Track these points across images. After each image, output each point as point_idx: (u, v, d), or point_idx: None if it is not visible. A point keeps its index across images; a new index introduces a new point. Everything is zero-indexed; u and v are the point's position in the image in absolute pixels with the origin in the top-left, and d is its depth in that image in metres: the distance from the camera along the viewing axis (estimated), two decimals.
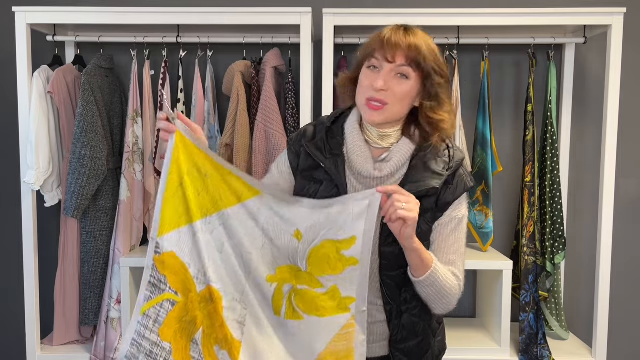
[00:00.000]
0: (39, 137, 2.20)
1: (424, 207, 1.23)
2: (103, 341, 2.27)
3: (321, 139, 1.32)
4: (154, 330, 1.20)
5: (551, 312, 2.45)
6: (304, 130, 1.38)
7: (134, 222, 2.37)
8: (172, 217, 1.20)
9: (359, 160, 1.28)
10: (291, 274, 1.24)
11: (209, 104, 2.35)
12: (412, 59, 1.20)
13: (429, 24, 2.18)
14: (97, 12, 2.20)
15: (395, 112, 1.24)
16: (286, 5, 2.49)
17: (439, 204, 1.27)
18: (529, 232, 2.31)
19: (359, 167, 1.28)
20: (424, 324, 1.33)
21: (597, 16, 2.16)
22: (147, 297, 1.21)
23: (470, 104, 2.56)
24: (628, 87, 2.51)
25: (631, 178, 2.59)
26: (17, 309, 2.60)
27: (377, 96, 1.21)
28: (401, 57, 1.20)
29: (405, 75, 1.21)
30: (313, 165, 1.31)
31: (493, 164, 2.36)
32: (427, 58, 1.20)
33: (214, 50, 2.42)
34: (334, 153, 1.30)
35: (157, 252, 1.21)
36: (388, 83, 1.21)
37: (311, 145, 1.32)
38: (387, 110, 1.22)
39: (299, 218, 1.23)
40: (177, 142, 1.20)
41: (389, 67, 1.21)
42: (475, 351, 2.27)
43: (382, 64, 1.22)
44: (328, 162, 1.29)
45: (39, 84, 2.21)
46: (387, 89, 1.21)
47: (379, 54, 1.21)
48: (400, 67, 1.21)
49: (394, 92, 1.21)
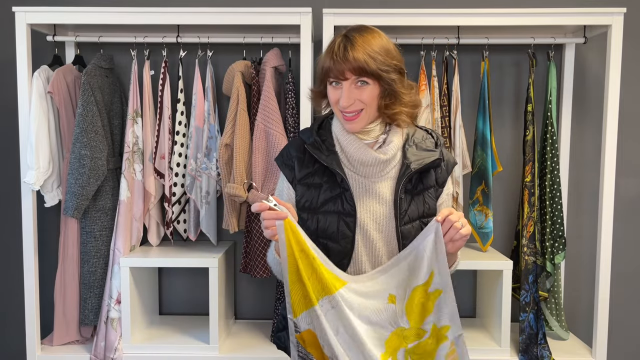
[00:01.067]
0: (39, 137, 2.20)
1: (428, 183, 1.38)
2: (103, 341, 2.27)
3: (316, 141, 1.40)
4: None
5: (551, 312, 2.45)
6: (289, 145, 1.46)
7: (134, 222, 2.37)
8: (301, 300, 1.27)
9: (359, 150, 1.35)
10: (399, 338, 1.30)
11: (209, 104, 2.35)
12: (359, 70, 1.27)
13: (429, 24, 2.18)
14: (97, 12, 2.20)
15: (370, 113, 1.33)
16: (286, 5, 2.50)
17: (438, 180, 1.40)
18: (529, 232, 2.31)
19: (361, 156, 1.35)
20: None
21: (597, 16, 2.16)
22: None
23: (470, 104, 2.56)
24: (628, 87, 2.51)
25: (631, 178, 2.59)
26: (17, 309, 2.60)
27: (349, 109, 1.31)
28: (350, 73, 1.28)
29: (365, 81, 1.30)
30: (309, 172, 1.38)
31: (493, 164, 2.36)
32: (370, 65, 1.27)
33: (214, 50, 2.42)
34: (331, 150, 1.37)
35: (297, 330, 1.29)
36: (352, 97, 1.30)
37: (309, 146, 1.38)
38: (362, 116, 1.32)
39: (385, 284, 1.30)
40: (286, 226, 1.23)
41: (347, 83, 1.30)
42: (475, 351, 2.27)
43: (340, 82, 1.31)
44: (329, 159, 1.35)
45: (39, 84, 2.21)
46: (353, 101, 1.30)
47: (332, 74, 1.30)
48: (356, 78, 1.29)
49: (361, 99, 1.30)
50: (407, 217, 1.34)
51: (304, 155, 1.41)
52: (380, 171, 1.36)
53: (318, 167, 1.38)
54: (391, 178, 1.37)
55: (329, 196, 1.35)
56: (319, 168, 1.38)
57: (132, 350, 2.27)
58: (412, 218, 1.35)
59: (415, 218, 1.36)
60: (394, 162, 1.37)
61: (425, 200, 1.37)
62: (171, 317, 2.63)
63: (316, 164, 1.39)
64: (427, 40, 2.35)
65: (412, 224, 1.35)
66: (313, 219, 1.35)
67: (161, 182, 2.39)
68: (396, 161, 1.37)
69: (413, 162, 1.35)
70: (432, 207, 1.38)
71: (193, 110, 2.36)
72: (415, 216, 1.35)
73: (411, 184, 1.36)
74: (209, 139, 2.36)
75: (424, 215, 1.37)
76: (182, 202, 2.41)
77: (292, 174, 1.40)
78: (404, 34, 2.40)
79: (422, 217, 1.37)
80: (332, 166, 1.34)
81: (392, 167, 1.37)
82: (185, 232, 2.46)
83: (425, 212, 1.36)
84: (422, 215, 1.36)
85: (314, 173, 1.38)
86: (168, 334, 2.40)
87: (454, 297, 1.27)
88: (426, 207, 1.36)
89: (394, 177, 1.37)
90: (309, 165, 1.39)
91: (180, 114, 2.38)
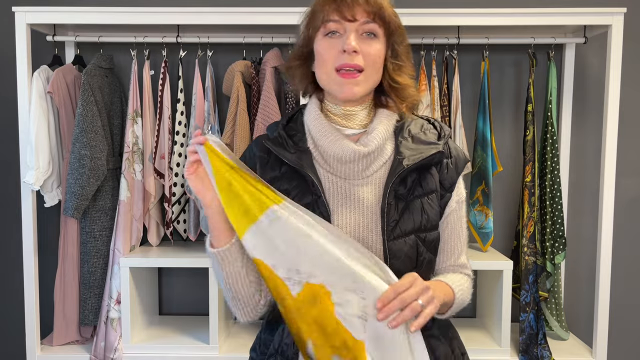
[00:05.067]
0: (38, 137, 2.20)
1: (429, 187, 1.08)
2: (103, 341, 2.26)
3: (280, 136, 1.11)
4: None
5: (551, 312, 2.45)
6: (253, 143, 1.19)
7: (133, 222, 2.37)
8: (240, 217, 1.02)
9: (335, 143, 1.06)
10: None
11: (209, 104, 2.35)
12: (375, 14, 1.03)
13: (429, 24, 2.18)
14: (97, 12, 2.20)
15: (373, 78, 1.06)
16: (286, 5, 2.49)
17: (444, 183, 1.11)
18: (529, 232, 2.31)
19: (337, 149, 1.06)
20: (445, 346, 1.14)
21: (597, 16, 2.16)
22: None
23: (470, 104, 2.56)
24: (628, 87, 2.51)
25: (631, 178, 2.59)
26: (17, 309, 2.60)
27: (351, 61, 1.02)
28: (363, 13, 1.02)
29: (373, 32, 1.04)
30: (275, 176, 1.10)
31: (493, 164, 2.36)
32: (389, 11, 1.06)
33: (214, 50, 2.42)
34: (300, 148, 1.09)
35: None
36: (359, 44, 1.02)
37: (269, 142, 1.11)
38: (365, 77, 1.04)
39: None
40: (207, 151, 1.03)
41: (353, 27, 1.02)
42: (475, 351, 2.26)
43: (343, 26, 1.03)
44: (295, 157, 1.07)
45: (38, 84, 2.21)
46: (360, 51, 1.02)
47: (336, 15, 1.02)
48: (365, 25, 1.03)
49: (367, 55, 1.03)
50: (398, 229, 1.04)
51: (268, 156, 1.12)
52: (364, 170, 1.07)
53: (286, 170, 1.10)
54: (378, 179, 1.07)
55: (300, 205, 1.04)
56: (287, 171, 1.09)
57: (132, 350, 2.27)
58: (404, 231, 1.04)
59: (410, 232, 1.05)
60: (382, 159, 1.08)
61: (423, 209, 1.06)
62: (171, 317, 2.62)
63: (283, 166, 1.10)
64: (427, 40, 2.35)
65: (405, 239, 1.04)
66: None
67: (161, 182, 2.39)
68: (385, 158, 1.09)
69: (407, 157, 1.06)
70: (432, 218, 1.08)
71: (193, 110, 2.36)
72: (409, 229, 1.05)
73: (405, 187, 1.06)
74: None
75: (421, 229, 1.06)
76: (182, 202, 2.41)
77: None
78: None
79: (419, 230, 1.06)
80: (300, 166, 1.06)
81: (380, 165, 1.08)
82: (185, 232, 2.45)
83: (424, 224, 1.06)
84: (419, 229, 1.06)
85: (280, 177, 1.09)
86: (168, 334, 2.40)
87: None
88: (425, 218, 1.06)
89: (381, 178, 1.07)
90: (274, 167, 1.11)
91: (180, 114, 2.38)
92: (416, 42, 2.37)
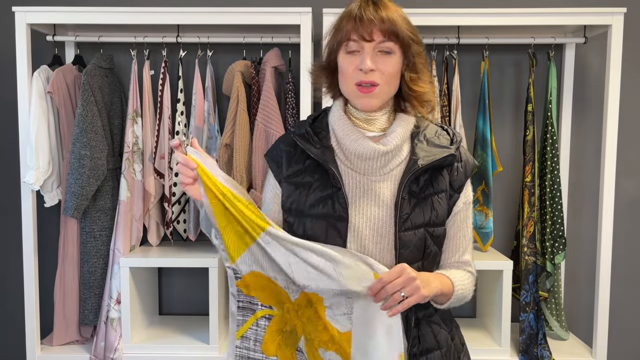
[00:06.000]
0: (38, 137, 2.20)
1: (439, 186, 1.20)
2: (103, 341, 2.27)
3: (307, 132, 1.23)
4: (257, 350, 1.19)
5: (551, 312, 2.45)
6: (279, 139, 1.31)
7: (133, 222, 2.37)
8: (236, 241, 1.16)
9: (357, 142, 1.18)
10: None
11: (209, 104, 2.35)
12: (390, 32, 1.13)
13: (429, 24, 2.18)
14: (97, 12, 2.20)
15: (389, 91, 1.18)
16: (286, 5, 2.49)
17: (453, 184, 1.22)
18: (529, 232, 2.31)
19: (358, 148, 1.17)
20: (445, 332, 1.24)
21: (597, 16, 2.16)
22: (241, 322, 1.20)
23: (470, 104, 2.56)
24: (628, 87, 2.51)
25: (631, 178, 2.59)
26: (17, 309, 2.60)
27: (367, 79, 1.14)
28: (378, 34, 1.13)
29: (389, 50, 1.15)
30: (299, 169, 1.22)
31: (493, 164, 2.36)
32: (403, 28, 1.15)
33: (214, 50, 2.42)
34: (324, 145, 1.21)
35: (237, 277, 1.18)
36: (375, 63, 1.14)
37: (297, 137, 1.22)
38: (379, 92, 1.16)
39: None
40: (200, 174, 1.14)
41: (370, 46, 1.14)
42: (475, 351, 2.26)
43: (361, 45, 1.15)
44: (318, 152, 1.19)
45: (38, 84, 2.21)
46: (376, 69, 1.14)
47: (355, 35, 1.14)
48: (381, 44, 1.14)
49: (382, 71, 1.14)
50: (410, 222, 1.15)
51: (294, 150, 1.24)
52: (382, 167, 1.18)
53: (310, 163, 1.21)
54: (394, 177, 1.18)
55: (319, 196, 1.17)
56: (311, 165, 1.21)
57: (132, 350, 2.27)
58: (415, 224, 1.16)
59: (420, 225, 1.16)
60: (399, 158, 1.19)
61: (433, 206, 1.18)
62: (171, 317, 2.62)
63: (307, 160, 1.21)
64: (427, 40, 2.35)
65: (415, 232, 1.16)
66: (300, 225, 1.19)
67: (161, 182, 2.39)
68: (402, 157, 1.19)
69: (421, 157, 1.17)
70: (440, 215, 1.19)
71: (193, 110, 2.36)
72: (419, 223, 1.16)
73: (418, 185, 1.17)
74: (209, 139, 2.36)
75: (430, 224, 1.18)
76: (182, 202, 2.41)
77: (279, 171, 1.24)
78: None
79: (428, 225, 1.18)
80: (323, 160, 1.17)
81: (397, 164, 1.19)
82: (185, 232, 2.45)
83: (433, 219, 1.18)
84: (428, 223, 1.18)
85: (304, 170, 1.21)
86: (168, 334, 2.40)
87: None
88: (434, 214, 1.18)
89: (397, 175, 1.18)
90: (299, 161, 1.23)
91: (180, 114, 2.38)
92: None
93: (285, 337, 1.18)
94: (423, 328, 1.21)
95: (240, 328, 1.20)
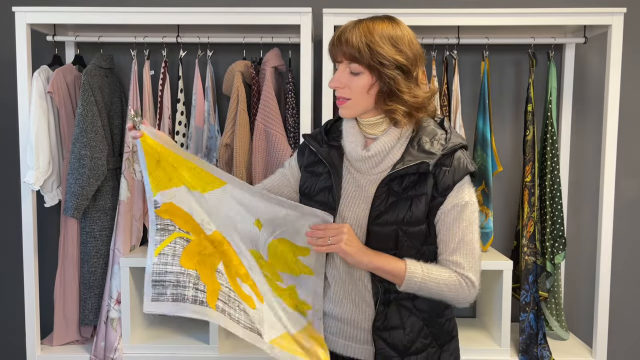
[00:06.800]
0: (39, 137, 2.20)
1: (422, 189, 1.27)
2: (103, 341, 2.27)
3: (319, 133, 1.45)
4: (174, 264, 1.27)
5: (551, 312, 2.45)
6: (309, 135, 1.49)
7: (134, 222, 2.37)
8: (162, 180, 1.28)
9: (351, 145, 1.36)
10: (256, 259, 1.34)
11: (209, 104, 2.35)
12: (351, 57, 1.25)
13: (429, 24, 2.18)
14: (97, 12, 2.20)
15: (361, 104, 1.30)
16: (286, 5, 2.49)
17: (438, 187, 1.27)
18: (529, 232, 2.31)
19: (351, 151, 1.35)
20: (417, 320, 1.32)
21: (597, 16, 2.16)
22: (158, 241, 1.28)
23: (470, 104, 2.56)
24: (628, 87, 2.51)
25: (631, 178, 2.59)
26: (17, 309, 2.60)
27: (338, 94, 1.31)
28: (341, 56, 1.27)
29: (356, 71, 1.27)
30: (314, 161, 1.42)
31: (493, 164, 2.36)
32: (363, 53, 1.24)
33: (214, 50, 2.42)
34: (331, 145, 1.41)
35: (156, 207, 1.29)
36: (342, 81, 1.28)
37: (309, 138, 1.44)
38: (351, 104, 1.30)
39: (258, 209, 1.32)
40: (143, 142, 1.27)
41: (342, 66, 1.29)
42: (475, 351, 2.27)
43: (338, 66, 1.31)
44: (323, 150, 1.39)
45: (38, 84, 2.21)
46: (343, 86, 1.29)
47: (331, 56, 1.32)
48: (349, 65, 1.27)
49: (350, 88, 1.28)
50: (383, 218, 1.26)
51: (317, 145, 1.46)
52: (372, 168, 1.33)
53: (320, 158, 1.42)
54: (381, 176, 1.32)
55: (323, 186, 1.37)
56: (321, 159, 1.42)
57: (132, 350, 2.27)
58: (387, 221, 1.26)
59: (392, 222, 1.26)
60: (391, 161, 1.31)
61: (410, 207, 1.26)
62: (171, 317, 2.62)
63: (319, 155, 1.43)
64: (427, 40, 2.35)
65: (384, 228, 1.27)
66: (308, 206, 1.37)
67: None
68: (394, 160, 1.31)
69: (404, 162, 1.27)
70: (416, 215, 1.26)
71: (193, 110, 2.36)
72: (391, 220, 1.26)
73: (401, 185, 1.27)
74: (209, 139, 2.36)
75: (403, 222, 1.26)
76: None
77: (302, 159, 1.47)
78: None
79: (402, 223, 1.26)
80: (324, 157, 1.38)
81: (388, 166, 1.31)
82: None
83: (407, 219, 1.26)
84: (401, 222, 1.26)
85: (318, 162, 1.41)
86: (168, 334, 2.40)
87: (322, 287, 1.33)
88: (409, 215, 1.25)
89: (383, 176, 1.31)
90: (315, 154, 1.43)
91: (180, 114, 2.38)
92: None
93: (204, 259, 1.30)
94: (391, 307, 1.32)
95: (158, 246, 1.28)
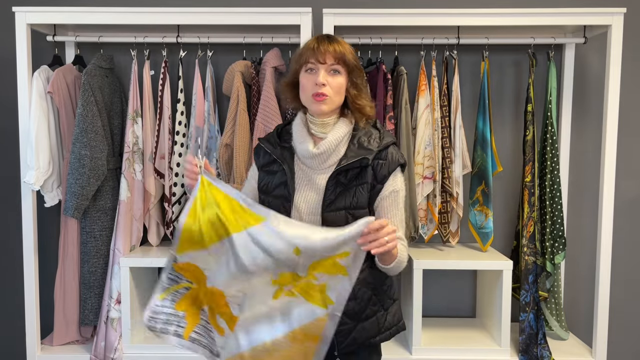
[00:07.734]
0: (39, 137, 2.20)
1: (363, 179, 1.52)
2: (103, 341, 2.27)
3: (272, 136, 1.65)
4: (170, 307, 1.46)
5: (551, 312, 2.45)
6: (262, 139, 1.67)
7: (134, 222, 2.37)
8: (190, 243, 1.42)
9: (302, 145, 1.55)
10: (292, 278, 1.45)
11: (209, 104, 2.35)
12: (339, 59, 1.52)
13: (429, 24, 2.18)
14: (97, 12, 2.20)
15: (336, 101, 1.53)
16: (286, 5, 2.50)
17: (377, 177, 1.53)
18: (529, 232, 2.31)
19: (302, 150, 1.55)
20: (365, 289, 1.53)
21: (597, 16, 2.16)
22: (165, 287, 1.45)
23: (470, 104, 2.56)
24: (628, 87, 2.51)
25: (631, 178, 2.59)
26: (17, 309, 2.60)
27: (320, 90, 1.51)
28: (330, 58, 1.51)
29: (337, 71, 1.52)
30: (269, 161, 1.61)
31: (493, 164, 2.36)
32: (349, 57, 1.53)
33: (214, 50, 2.42)
34: (283, 145, 1.61)
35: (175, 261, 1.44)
36: (327, 80, 1.51)
37: (264, 141, 1.64)
38: (329, 100, 1.52)
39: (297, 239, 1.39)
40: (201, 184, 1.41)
41: (323, 67, 1.51)
42: (475, 351, 2.27)
43: (317, 67, 1.51)
44: (276, 151, 1.59)
45: (38, 84, 2.21)
46: (327, 83, 1.51)
47: (313, 59, 1.51)
48: (331, 66, 1.51)
49: (331, 85, 1.52)
50: (333, 205, 1.51)
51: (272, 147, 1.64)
52: (321, 163, 1.54)
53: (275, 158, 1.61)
54: (330, 170, 1.53)
55: (279, 182, 1.56)
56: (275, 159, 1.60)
57: (132, 350, 2.27)
58: (337, 207, 1.51)
59: (341, 208, 1.51)
60: (336, 157, 1.54)
61: (355, 194, 1.51)
62: None
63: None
64: (427, 40, 2.35)
65: (337, 213, 1.50)
66: (266, 201, 1.57)
67: (161, 182, 2.39)
68: (339, 156, 1.54)
69: (348, 157, 1.52)
70: (361, 201, 1.52)
71: (193, 110, 2.36)
72: (341, 206, 1.51)
73: (346, 177, 1.52)
74: (209, 139, 2.36)
75: (350, 207, 1.51)
76: (182, 202, 2.41)
77: (258, 161, 1.64)
78: (404, 34, 2.40)
79: (349, 208, 1.51)
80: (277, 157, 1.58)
81: (335, 161, 1.53)
82: None
83: (353, 204, 1.51)
84: (348, 207, 1.51)
85: (273, 162, 1.60)
86: None
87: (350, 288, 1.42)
88: (354, 200, 1.51)
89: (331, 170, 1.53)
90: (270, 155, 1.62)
91: (180, 114, 2.38)
92: (416, 42, 2.38)
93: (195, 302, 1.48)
94: None
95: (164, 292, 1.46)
